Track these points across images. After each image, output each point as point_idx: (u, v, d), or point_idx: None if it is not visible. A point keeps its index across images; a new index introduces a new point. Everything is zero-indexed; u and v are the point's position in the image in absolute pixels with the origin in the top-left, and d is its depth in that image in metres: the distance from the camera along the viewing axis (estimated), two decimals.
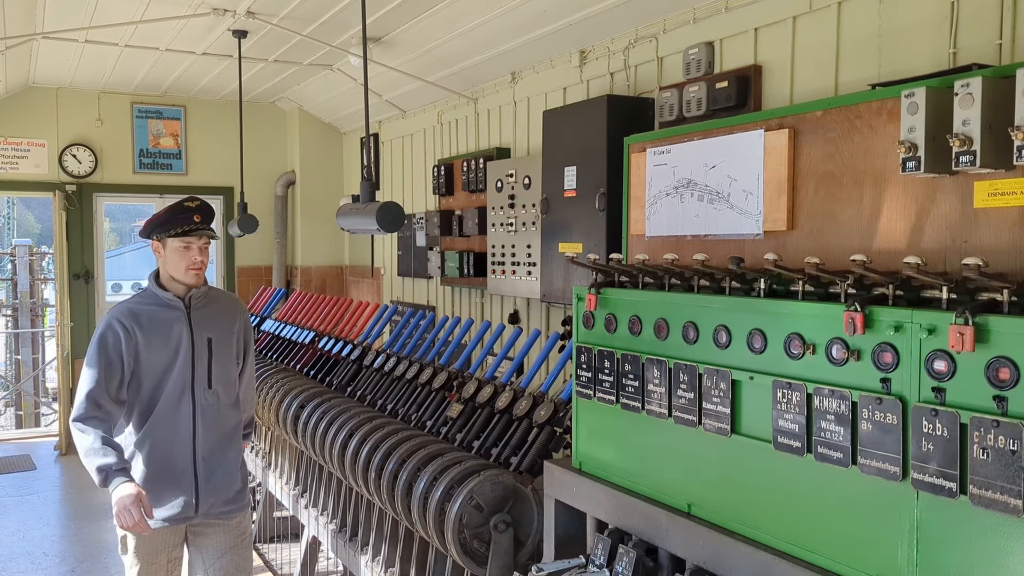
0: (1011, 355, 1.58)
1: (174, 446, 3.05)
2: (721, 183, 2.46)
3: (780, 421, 2.03)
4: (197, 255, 3.01)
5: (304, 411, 4.42)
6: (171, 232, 2.98)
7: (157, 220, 3.01)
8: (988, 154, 1.73)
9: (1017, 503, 1.55)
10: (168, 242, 3.00)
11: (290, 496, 4.86)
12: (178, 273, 3.02)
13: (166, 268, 3.05)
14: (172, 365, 3.02)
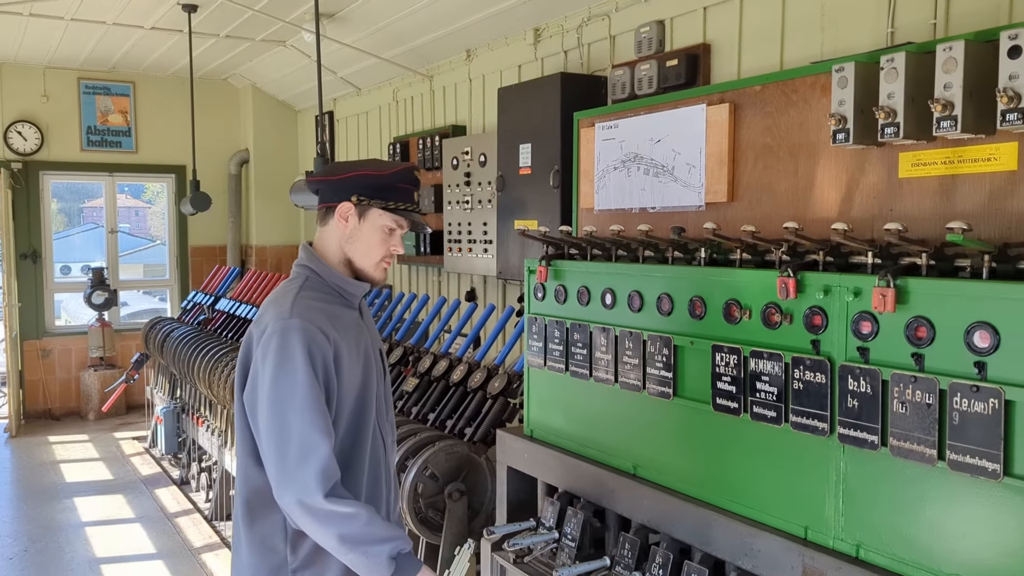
0: (928, 315, 1.68)
1: (380, 505, 2.07)
2: (666, 157, 2.54)
3: (718, 383, 2.12)
4: (399, 245, 2.06)
5: None
6: (387, 203, 2.00)
7: (369, 178, 2.00)
8: (911, 126, 1.82)
9: (932, 452, 1.66)
10: (373, 215, 1.99)
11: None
12: (368, 261, 2.01)
13: (350, 248, 2.01)
14: (365, 390, 2.02)
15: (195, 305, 6.59)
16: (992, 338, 1.58)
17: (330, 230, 2.03)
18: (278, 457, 1.81)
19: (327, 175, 2.06)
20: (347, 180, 2.00)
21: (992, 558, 1.59)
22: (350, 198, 1.99)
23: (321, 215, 2.05)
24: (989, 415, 1.57)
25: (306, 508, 1.79)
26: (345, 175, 2.01)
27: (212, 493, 5.48)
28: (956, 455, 1.62)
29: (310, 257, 2.03)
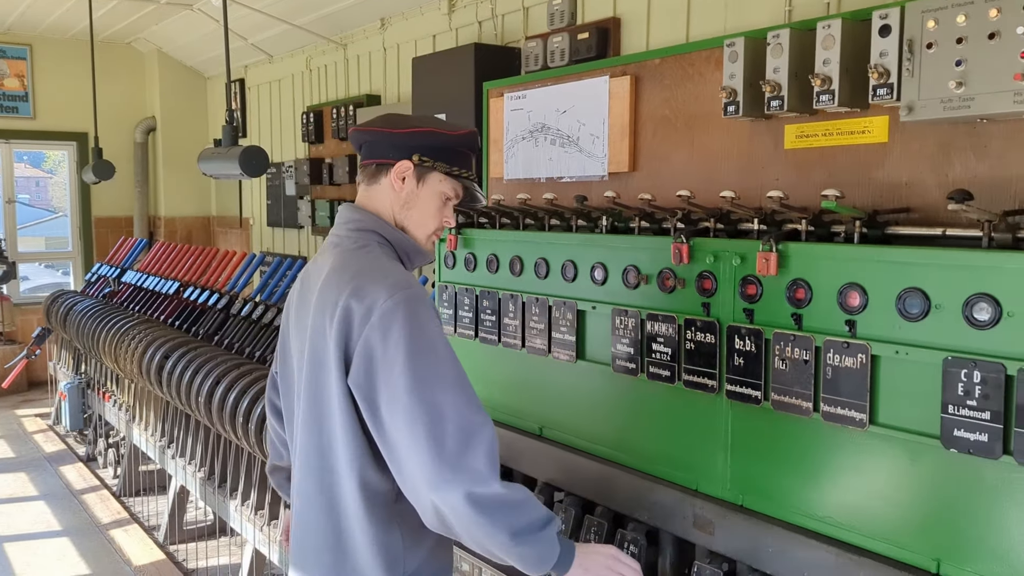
0: (806, 277, 1.80)
1: None
2: (571, 127, 2.60)
3: (618, 345, 2.21)
4: (452, 216, 1.80)
5: (169, 361, 4.34)
6: (452, 167, 1.74)
7: (435, 137, 1.72)
8: (794, 99, 1.92)
9: (808, 405, 1.78)
10: (434, 179, 1.73)
11: (156, 448, 4.78)
12: (423, 231, 1.75)
13: (404, 215, 1.74)
14: None
15: (100, 278, 6.37)
16: (861, 298, 1.70)
17: (380, 191, 1.72)
18: (434, 449, 1.48)
19: (386, 126, 1.73)
20: (410, 136, 1.70)
21: (859, 501, 1.72)
22: (410, 156, 1.69)
23: (369, 173, 1.73)
24: (858, 369, 1.69)
25: (477, 501, 1.47)
26: (409, 130, 1.71)
27: (120, 469, 5.36)
28: (829, 407, 1.74)
29: (376, 221, 1.71)
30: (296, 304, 1.78)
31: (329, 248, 1.74)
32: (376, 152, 1.73)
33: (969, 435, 1.52)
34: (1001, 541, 1.51)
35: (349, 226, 1.72)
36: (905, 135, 1.83)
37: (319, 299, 1.64)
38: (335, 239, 1.73)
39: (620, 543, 2.15)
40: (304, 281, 1.77)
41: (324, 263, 1.70)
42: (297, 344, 1.74)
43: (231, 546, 4.45)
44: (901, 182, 1.85)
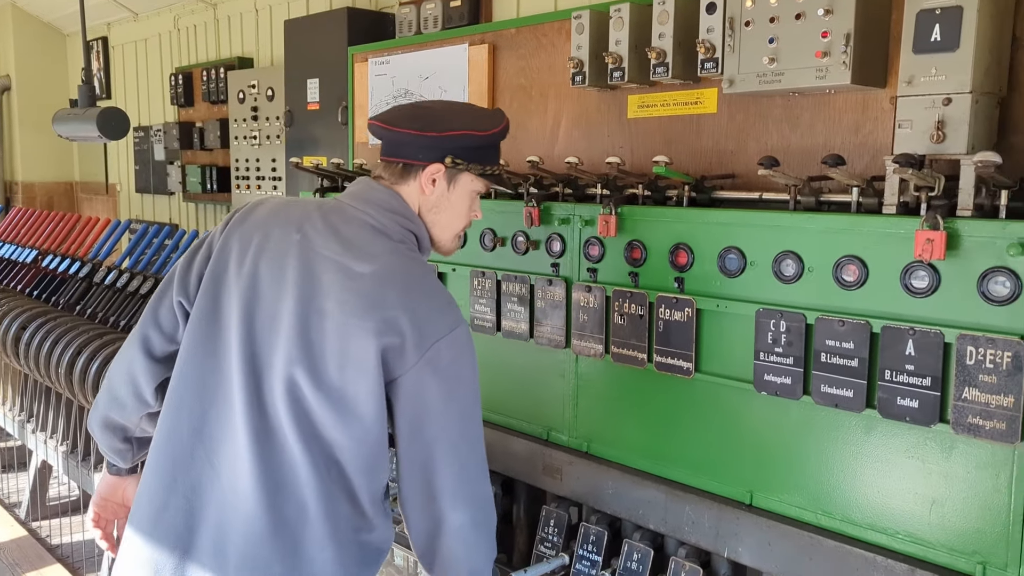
0: (642, 238, 1.93)
1: None
2: (434, 94, 2.65)
3: (476, 306, 2.30)
4: (479, 210, 1.73)
5: (26, 332, 4.15)
6: (485, 168, 1.65)
7: (472, 139, 1.61)
8: (634, 71, 2.04)
9: (643, 356, 1.92)
10: (465, 179, 1.64)
11: (15, 423, 4.57)
12: (450, 232, 1.68)
13: (432, 218, 1.64)
14: None
15: None
16: (688, 256, 1.84)
17: (407, 191, 1.60)
18: (459, 473, 1.51)
19: (418, 128, 1.59)
20: (447, 139, 1.58)
21: (686, 442, 1.88)
22: (443, 159, 1.59)
23: (396, 171, 1.61)
24: (685, 322, 1.84)
25: (478, 525, 1.53)
26: (447, 133, 1.58)
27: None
28: (660, 357, 1.89)
29: (418, 223, 1.61)
30: (280, 264, 1.53)
31: (368, 231, 1.55)
32: (405, 152, 1.60)
33: (776, 379, 1.69)
34: (802, 472, 1.69)
35: (400, 220, 1.58)
36: (731, 106, 1.98)
37: (355, 291, 1.46)
38: (377, 223, 1.55)
39: None
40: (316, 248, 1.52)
41: (354, 237, 1.52)
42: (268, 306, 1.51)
43: None
44: (728, 150, 2.00)
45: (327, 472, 1.47)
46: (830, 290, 1.62)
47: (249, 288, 1.53)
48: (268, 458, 1.46)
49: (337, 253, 1.50)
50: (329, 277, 1.49)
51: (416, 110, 1.64)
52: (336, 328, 1.45)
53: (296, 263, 1.51)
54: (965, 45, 1.46)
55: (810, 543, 1.64)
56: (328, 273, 1.49)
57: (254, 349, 1.50)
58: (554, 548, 2.06)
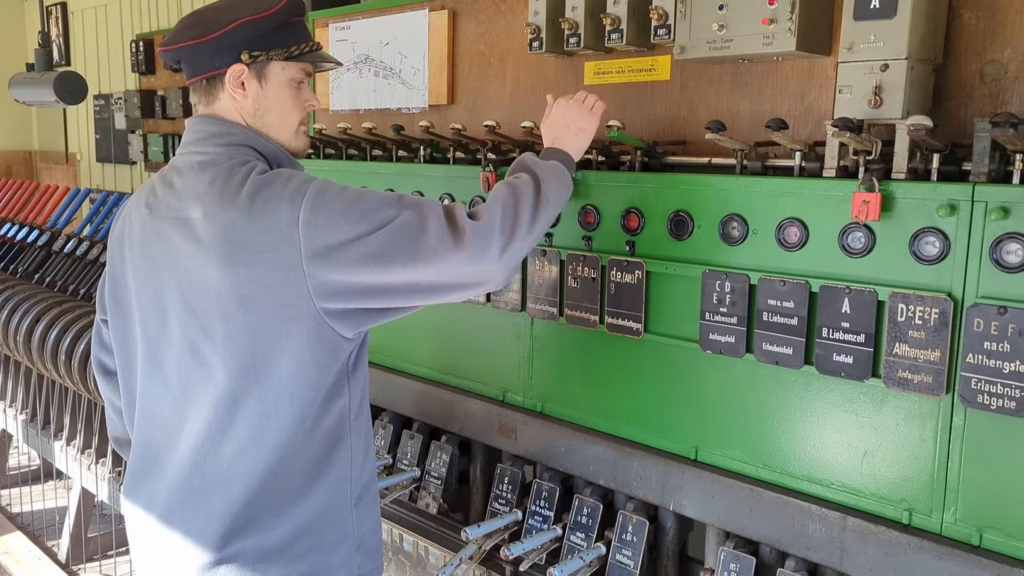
0: (596, 203, 1.97)
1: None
2: (394, 59, 2.65)
3: None
4: (313, 97, 1.64)
5: None
6: (290, 49, 1.55)
7: (256, 25, 1.51)
8: (590, 37, 2.06)
9: (595, 318, 1.97)
10: (275, 70, 1.55)
11: None
12: (287, 131, 1.60)
13: (261, 123, 1.57)
14: None
15: None
16: (639, 220, 1.88)
17: (223, 106, 1.54)
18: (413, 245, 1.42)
19: (197, 35, 1.50)
20: (229, 35, 1.48)
21: (635, 401, 1.94)
22: (239, 58, 1.50)
23: (203, 91, 1.55)
24: (635, 284, 1.89)
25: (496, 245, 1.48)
26: (223, 30, 1.48)
27: None
28: (612, 319, 1.93)
29: (246, 133, 1.53)
30: (142, 245, 1.55)
31: (196, 169, 1.50)
32: (200, 67, 1.53)
33: (721, 338, 1.75)
34: (744, 427, 1.76)
35: (220, 140, 1.51)
36: (684, 73, 2.02)
37: (220, 233, 1.43)
38: (204, 157, 1.50)
39: (434, 453, 2.30)
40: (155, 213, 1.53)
41: (196, 187, 1.48)
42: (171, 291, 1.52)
43: (58, 489, 4.33)
44: (680, 116, 2.04)
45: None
46: (773, 251, 1.67)
47: (137, 282, 1.58)
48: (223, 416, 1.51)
49: (175, 210, 1.50)
50: (177, 236, 1.49)
51: (193, 17, 1.56)
52: (209, 281, 1.45)
53: (153, 238, 1.53)
54: (902, 12, 1.51)
55: (750, 495, 1.71)
56: (176, 233, 1.49)
57: (151, 344, 1.56)
58: (508, 505, 2.12)
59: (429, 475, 2.30)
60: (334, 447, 1.56)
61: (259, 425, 1.48)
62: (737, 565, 1.73)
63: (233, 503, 1.49)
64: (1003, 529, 1.44)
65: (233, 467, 1.49)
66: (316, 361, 1.48)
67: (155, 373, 1.56)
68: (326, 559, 1.56)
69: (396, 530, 2.41)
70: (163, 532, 1.55)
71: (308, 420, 1.50)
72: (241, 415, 1.48)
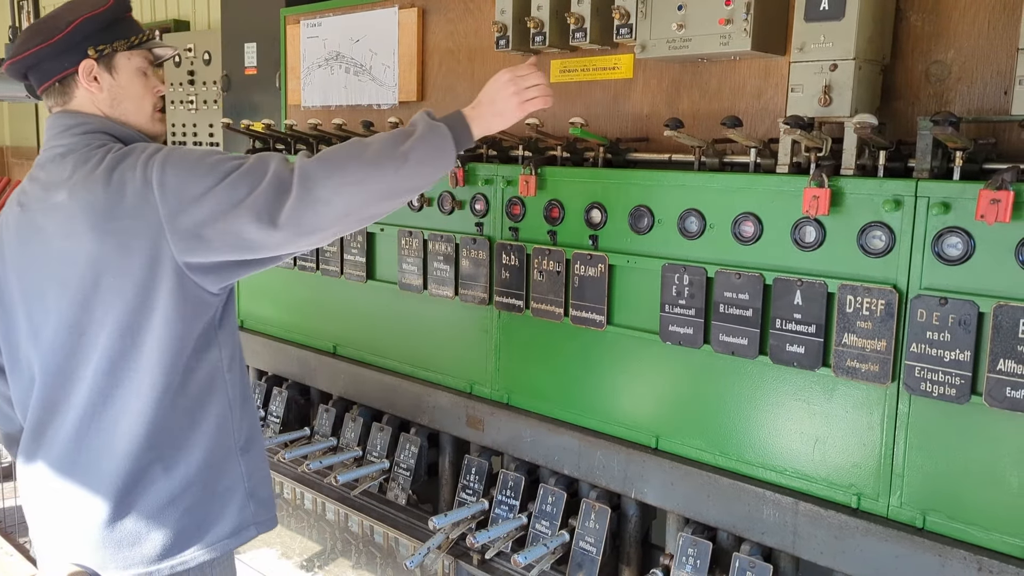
0: (560, 198, 2.01)
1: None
2: (365, 56, 2.68)
3: (404, 265, 2.36)
4: (160, 83, 1.76)
5: None
6: (130, 39, 1.66)
7: (95, 21, 1.62)
8: (555, 36, 2.10)
9: (560, 311, 2.01)
10: (122, 61, 1.65)
11: None
12: (143, 116, 1.70)
13: (120, 111, 1.66)
14: None
15: None
16: (602, 215, 1.93)
17: (80, 101, 1.63)
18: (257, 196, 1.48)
19: (42, 41, 1.60)
20: (72, 34, 1.59)
21: (598, 392, 1.98)
22: (86, 54, 1.60)
23: (57, 92, 1.64)
24: (598, 277, 1.93)
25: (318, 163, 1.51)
26: (65, 31, 1.59)
27: None
28: (576, 311, 1.98)
29: (101, 120, 1.63)
30: (19, 241, 1.64)
31: (57, 160, 1.60)
32: (50, 70, 1.62)
33: (680, 329, 1.79)
34: (703, 417, 1.81)
35: (76, 131, 1.61)
36: (646, 72, 2.06)
37: (88, 192, 1.53)
38: (63, 148, 1.60)
39: (403, 445, 2.34)
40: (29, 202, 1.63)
41: (60, 175, 1.58)
42: (35, 266, 1.61)
43: None
44: (643, 114, 2.09)
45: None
46: (729, 245, 1.72)
47: (19, 277, 1.65)
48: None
49: (42, 200, 1.60)
50: (49, 222, 1.58)
51: (31, 28, 1.66)
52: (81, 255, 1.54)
53: (28, 232, 1.62)
54: (850, 14, 1.56)
55: (708, 482, 1.76)
56: (46, 219, 1.59)
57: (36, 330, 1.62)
58: (475, 495, 2.15)
59: (398, 467, 2.33)
60: (210, 398, 1.64)
61: (136, 382, 1.56)
62: (695, 550, 1.78)
63: (122, 460, 1.57)
64: (944, 511, 1.50)
65: (117, 427, 1.57)
66: (183, 316, 1.56)
67: (42, 356, 1.62)
68: (220, 508, 1.66)
69: (367, 521, 2.44)
70: (59, 497, 1.62)
71: (179, 373, 1.58)
72: (120, 376, 1.56)
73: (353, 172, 1.50)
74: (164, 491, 1.59)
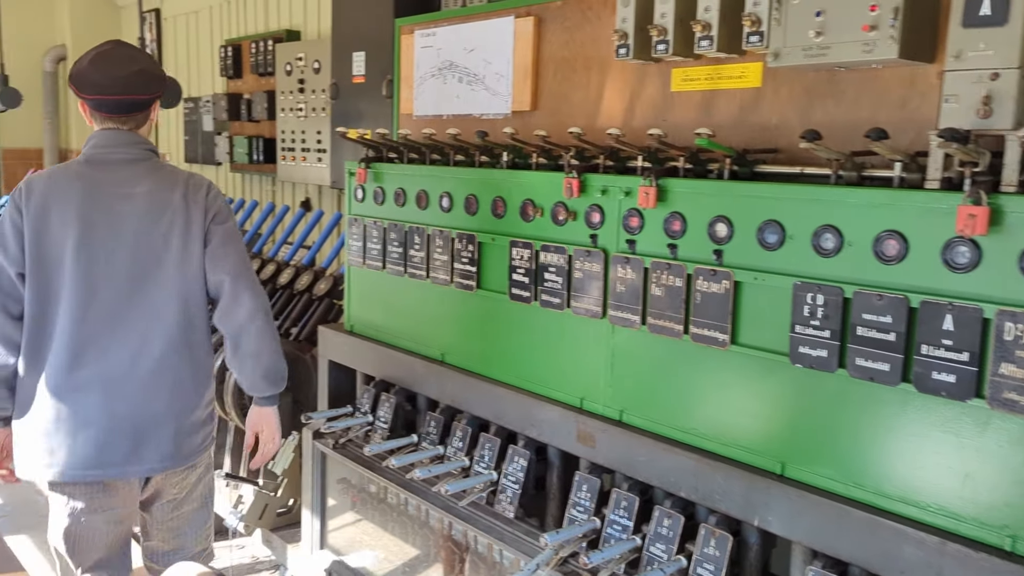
0: (682, 210, 1.95)
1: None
2: (478, 66, 2.68)
3: (514, 275, 2.34)
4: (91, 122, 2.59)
5: None
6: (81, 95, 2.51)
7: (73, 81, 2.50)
8: (679, 44, 2.04)
9: (679, 328, 1.94)
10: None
11: None
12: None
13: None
14: None
15: None
16: (727, 229, 1.86)
17: (148, 124, 2.50)
18: (252, 273, 2.45)
19: (158, 72, 2.54)
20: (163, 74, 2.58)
21: (719, 413, 1.91)
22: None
23: (143, 112, 2.45)
24: (722, 294, 1.86)
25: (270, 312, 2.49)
26: (161, 69, 2.60)
27: None
28: (697, 329, 1.91)
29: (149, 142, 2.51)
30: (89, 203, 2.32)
31: (137, 161, 2.41)
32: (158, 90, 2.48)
33: (812, 351, 1.71)
34: (835, 444, 1.71)
35: (144, 147, 2.45)
36: (776, 81, 1.98)
37: (165, 193, 2.36)
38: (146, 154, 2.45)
39: (511, 457, 2.31)
40: (99, 186, 2.35)
41: (141, 172, 2.38)
42: (106, 234, 2.31)
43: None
44: (771, 124, 2.00)
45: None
46: (869, 264, 1.62)
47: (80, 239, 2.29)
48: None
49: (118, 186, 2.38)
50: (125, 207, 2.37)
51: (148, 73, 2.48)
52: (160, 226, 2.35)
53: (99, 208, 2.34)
54: (1015, 19, 1.45)
55: (840, 514, 1.66)
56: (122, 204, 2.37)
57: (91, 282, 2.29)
58: (586, 512, 2.11)
59: (507, 479, 2.31)
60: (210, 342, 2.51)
61: (185, 328, 2.37)
62: None
63: (172, 389, 2.36)
64: None
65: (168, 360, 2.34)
66: (204, 284, 2.40)
67: (93, 303, 2.28)
68: (213, 423, 2.55)
69: (471, 531, 2.43)
70: (111, 413, 2.28)
71: (206, 325, 2.45)
72: (175, 324, 2.35)
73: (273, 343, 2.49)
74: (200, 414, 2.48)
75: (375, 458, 2.58)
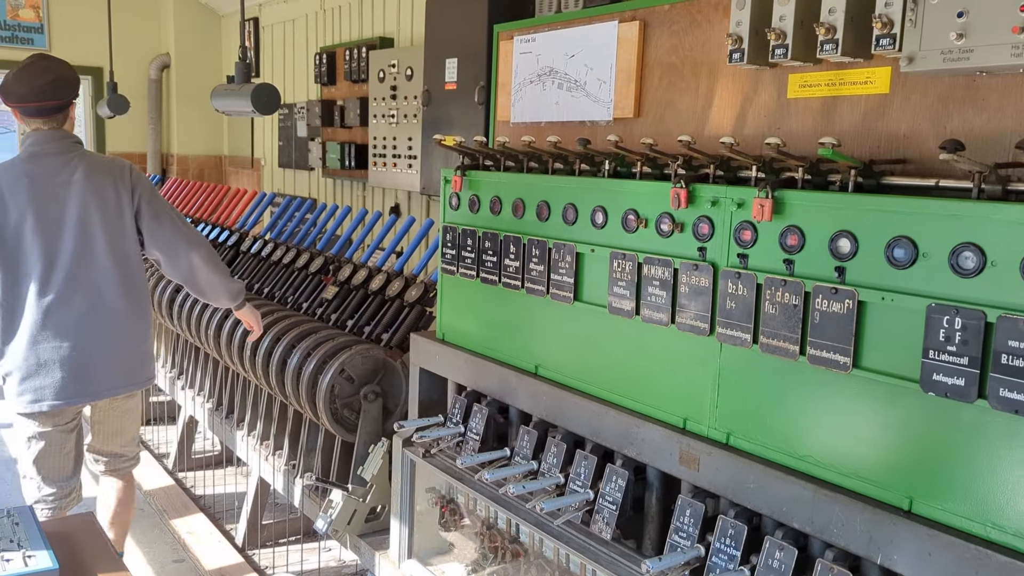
0: (800, 224, 1.83)
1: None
2: (579, 72, 2.61)
3: (615, 288, 2.26)
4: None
5: (179, 295, 4.43)
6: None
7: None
8: (799, 48, 1.93)
9: (795, 348, 1.83)
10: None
11: (167, 380, 4.89)
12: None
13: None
14: None
15: None
16: (852, 245, 1.74)
17: (70, 121, 3.09)
18: (185, 228, 3.17)
19: (72, 79, 3.07)
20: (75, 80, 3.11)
21: (838, 440, 1.79)
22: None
23: (62, 112, 3.04)
24: (844, 314, 1.74)
25: (210, 249, 3.18)
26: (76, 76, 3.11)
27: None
28: (815, 350, 1.79)
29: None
30: (38, 191, 2.94)
31: (66, 152, 3.03)
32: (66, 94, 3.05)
33: (947, 379, 1.57)
34: (971, 481, 1.57)
35: (72, 140, 3.09)
36: (906, 87, 1.85)
37: (97, 178, 3.02)
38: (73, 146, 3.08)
39: (609, 477, 2.23)
40: (41, 178, 2.95)
41: (73, 161, 3.01)
42: (55, 215, 2.94)
43: (237, 475, 4.59)
44: (900, 133, 1.87)
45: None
46: (1016, 287, 1.48)
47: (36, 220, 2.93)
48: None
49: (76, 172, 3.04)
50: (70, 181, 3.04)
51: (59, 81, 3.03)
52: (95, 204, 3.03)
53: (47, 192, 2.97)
54: None
55: (976, 557, 1.53)
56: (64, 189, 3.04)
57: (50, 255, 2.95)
58: (689, 539, 2.01)
59: (604, 499, 2.23)
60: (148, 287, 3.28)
61: (129, 278, 3.08)
62: None
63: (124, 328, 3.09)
64: None
65: (117, 305, 3.04)
66: (138, 243, 3.13)
67: (54, 273, 2.93)
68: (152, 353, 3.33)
69: (563, 549, 2.36)
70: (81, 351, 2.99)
71: (143, 275, 3.20)
72: (120, 277, 3.05)
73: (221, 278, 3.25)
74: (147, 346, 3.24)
75: (467, 471, 2.54)
